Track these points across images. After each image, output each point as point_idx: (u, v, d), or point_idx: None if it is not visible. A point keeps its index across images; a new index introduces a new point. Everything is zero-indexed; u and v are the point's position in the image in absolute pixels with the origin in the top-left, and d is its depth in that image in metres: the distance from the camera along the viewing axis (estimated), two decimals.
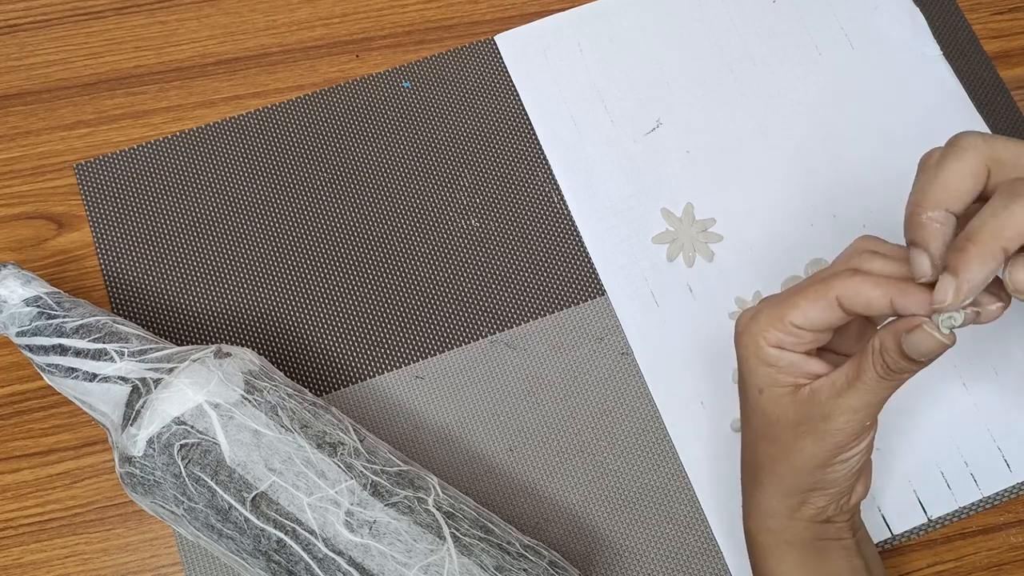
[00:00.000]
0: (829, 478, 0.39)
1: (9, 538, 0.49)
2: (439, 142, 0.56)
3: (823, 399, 0.37)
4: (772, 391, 0.39)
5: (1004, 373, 0.52)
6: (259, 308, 0.53)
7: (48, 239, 0.54)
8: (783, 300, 0.38)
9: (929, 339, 0.34)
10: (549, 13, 0.58)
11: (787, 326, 0.37)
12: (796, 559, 0.41)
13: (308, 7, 0.58)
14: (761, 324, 0.38)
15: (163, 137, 0.55)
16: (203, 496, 0.41)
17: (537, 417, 0.51)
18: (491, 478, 0.50)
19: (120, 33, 0.57)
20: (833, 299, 0.36)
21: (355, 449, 0.43)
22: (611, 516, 0.50)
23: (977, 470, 0.50)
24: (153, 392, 0.42)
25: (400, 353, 0.52)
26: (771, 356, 0.38)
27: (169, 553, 0.49)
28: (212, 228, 0.54)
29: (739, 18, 0.58)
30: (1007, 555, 0.50)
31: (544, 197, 0.55)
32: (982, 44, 0.58)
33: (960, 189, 0.34)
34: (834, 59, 0.57)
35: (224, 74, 0.57)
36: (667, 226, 0.54)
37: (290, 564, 0.40)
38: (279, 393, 0.43)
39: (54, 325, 0.44)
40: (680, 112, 0.56)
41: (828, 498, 0.40)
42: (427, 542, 0.41)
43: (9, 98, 0.56)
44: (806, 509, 0.40)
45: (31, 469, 0.50)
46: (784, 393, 0.38)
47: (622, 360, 0.52)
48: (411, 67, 0.57)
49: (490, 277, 0.54)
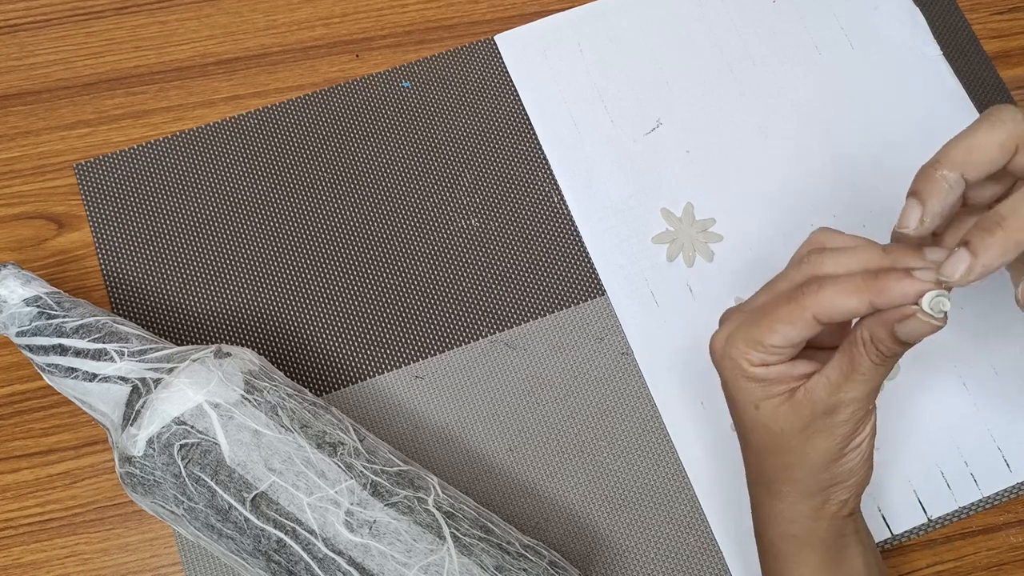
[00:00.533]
0: (845, 469, 0.39)
1: (9, 538, 0.49)
2: (439, 142, 0.56)
3: (823, 396, 0.37)
4: (768, 403, 0.39)
5: (1004, 373, 0.52)
6: (259, 308, 0.53)
7: (48, 239, 0.54)
8: (758, 322, 0.38)
9: (924, 325, 0.34)
10: (549, 13, 0.58)
11: (767, 348, 0.37)
12: (818, 562, 0.41)
13: (308, 7, 0.58)
14: (741, 348, 0.38)
15: (163, 137, 0.55)
16: (203, 496, 0.41)
17: (537, 417, 0.51)
18: (491, 478, 0.50)
19: (120, 33, 0.57)
20: (810, 317, 0.36)
21: (355, 449, 0.43)
22: (611, 516, 0.50)
23: (977, 470, 0.50)
24: (153, 392, 0.42)
25: (400, 353, 0.52)
26: (759, 374, 0.38)
27: (169, 553, 0.49)
28: (212, 228, 0.54)
29: (739, 18, 0.58)
30: (1007, 555, 0.50)
31: (544, 197, 0.55)
32: (982, 44, 0.58)
33: (983, 157, 0.34)
34: (834, 59, 0.57)
35: (224, 74, 0.57)
36: (667, 226, 0.54)
37: (290, 564, 0.40)
38: (279, 393, 0.43)
39: (54, 325, 0.44)
40: (680, 112, 0.56)
41: (848, 490, 0.40)
42: (427, 542, 0.41)
43: (9, 98, 0.56)
44: (829, 506, 0.40)
45: (31, 469, 0.50)
46: (781, 402, 0.38)
47: (622, 360, 0.52)
48: (411, 67, 0.57)
49: (490, 277, 0.54)
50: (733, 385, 0.40)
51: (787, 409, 0.38)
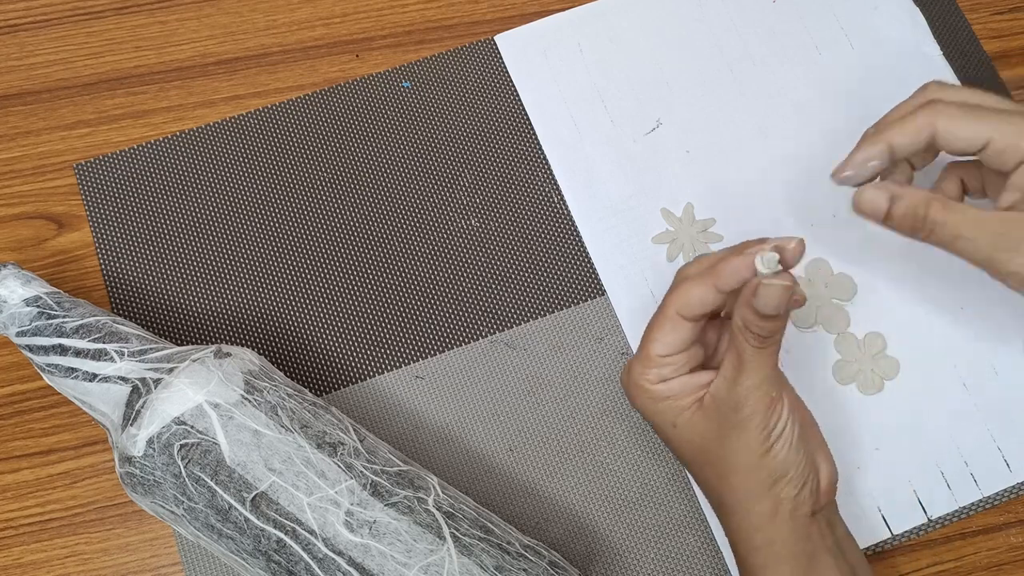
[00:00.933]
0: (778, 461, 0.40)
1: (9, 538, 0.49)
2: (439, 142, 0.56)
3: (724, 394, 0.40)
4: (682, 417, 0.42)
5: (1004, 373, 0.52)
6: (259, 308, 0.53)
7: (48, 239, 0.54)
8: (643, 341, 0.43)
9: (772, 289, 0.37)
10: (549, 13, 0.58)
11: (656, 360, 0.41)
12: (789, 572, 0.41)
13: (308, 7, 0.58)
14: (638, 370, 0.42)
15: (163, 137, 0.55)
16: (203, 496, 0.41)
17: (537, 417, 0.51)
18: (491, 478, 0.50)
19: (120, 33, 0.57)
20: (675, 315, 0.41)
21: (355, 449, 0.43)
22: (611, 516, 0.50)
23: (977, 470, 0.50)
24: (153, 392, 0.42)
25: (400, 353, 0.52)
26: (661, 391, 0.42)
27: (169, 553, 0.49)
28: (212, 228, 0.54)
29: (739, 18, 0.58)
30: (1007, 555, 0.50)
31: (544, 197, 0.55)
32: (982, 44, 0.58)
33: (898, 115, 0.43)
34: (834, 59, 0.57)
35: (224, 74, 0.57)
36: (667, 226, 0.54)
37: (290, 564, 0.40)
38: (279, 393, 0.43)
39: (54, 325, 0.44)
40: (680, 112, 0.56)
41: (793, 484, 0.40)
42: (427, 542, 0.41)
43: (9, 98, 0.56)
44: (783, 506, 0.40)
45: (31, 469, 0.50)
46: (692, 413, 0.41)
47: (622, 360, 0.52)
48: (411, 67, 0.57)
49: (490, 277, 0.54)
50: (648, 412, 0.43)
51: (700, 417, 0.41)
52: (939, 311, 0.53)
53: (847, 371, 0.51)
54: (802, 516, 0.40)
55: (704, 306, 0.40)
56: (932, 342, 0.52)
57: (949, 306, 0.53)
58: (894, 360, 0.52)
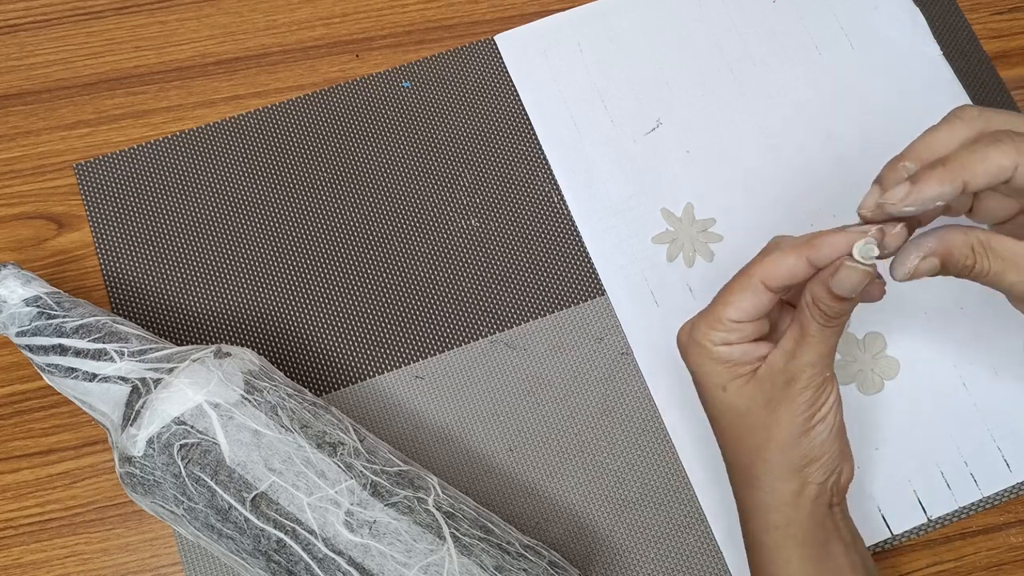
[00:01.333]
0: (816, 443, 0.40)
1: (9, 538, 0.49)
2: (439, 142, 0.56)
3: (780, 366, 0.40)
4: (734, 383, 0.41)
5: (1004, 373, 0.52)
6: (259, 308, 0.53)
7: (48, 239, 0.54)
8: (715, 302, 0.41)
9: (853, 272, 0.37)
10: (549, 13, 0.58)
11: (726, 324, 0.40)
12: (802, 557, 0.41)
13: (308, 7, 0.58)
14: (703, 330, 0.41)
15: (163, 137, 0.55)
16: (203, 496, 0.41)
17: (537, 417, 0.51)
18: (491, 478, 0.50)
19: (120, 33, 0.57)
20: (758, 283, 0.40)
21: (355, 449, 0.43)
22: (611, 516, 0.50)
23: (977, 470, 0.50)
24: (153, 392, 0.42)
25: (400, 353, 0.52)
26: (722, 353, 0.41)
27: (169, 553, 0.49)
28: (212, 228, 0.54)
29: (739, 18, 0.58)
30: (1007, 555, 0.50)
31: (544, 197, 0.55)
32: (982, 44, 0.58)
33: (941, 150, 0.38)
34: (834, 59, 0.57)
35: (224, 74, 0.57)
36: (667, 226, 0.54)
37: (290, 564, 0.40)
38: (279, 393, 0.43)
39: (54, 325, 0.44)
40: (680, 112, 0.56)
41: (824, 471, 0.40)
42: (427, 542, 0.41)
43: (9, 98, 0.56)
44: (808, 490, 0.40)
45: (31, 469, 0.50)
46: (745, 381, 0.41)
47: (622, 360, 0.52)
48: (411, 67, 0.57)
49: (490, 277, 0.54)
50: (701, 370, 0.42)
51: (752, 387, 0.41)
52: (939, 311, 0.53)
53: (847, 371, 0.52)
54: (822, 504, 0.41)
55: (792, 277, 0.39)
56: (932, 342, 0.52)
57: (949, 306, 0.53)
58: (894, 360, 0.52)
